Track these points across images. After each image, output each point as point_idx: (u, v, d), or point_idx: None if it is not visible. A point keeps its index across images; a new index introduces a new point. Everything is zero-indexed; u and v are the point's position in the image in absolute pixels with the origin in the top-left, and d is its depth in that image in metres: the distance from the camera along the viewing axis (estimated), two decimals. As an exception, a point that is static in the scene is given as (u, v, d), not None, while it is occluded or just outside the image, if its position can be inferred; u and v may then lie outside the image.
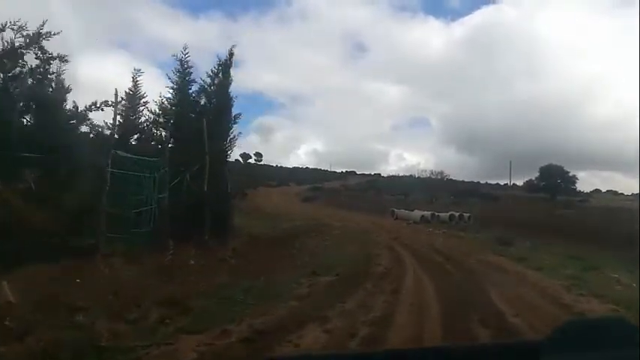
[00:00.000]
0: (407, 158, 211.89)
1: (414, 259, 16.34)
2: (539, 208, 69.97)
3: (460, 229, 38.40)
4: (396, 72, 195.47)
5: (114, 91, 13.04)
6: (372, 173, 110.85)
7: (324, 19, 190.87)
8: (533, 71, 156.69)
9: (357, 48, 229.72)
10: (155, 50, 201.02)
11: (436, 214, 46.57)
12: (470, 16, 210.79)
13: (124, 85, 16.70)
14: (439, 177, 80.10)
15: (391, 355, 1.86)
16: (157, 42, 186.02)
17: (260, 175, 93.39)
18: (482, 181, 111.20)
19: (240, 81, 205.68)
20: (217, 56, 14.58)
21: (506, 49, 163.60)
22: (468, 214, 47.70)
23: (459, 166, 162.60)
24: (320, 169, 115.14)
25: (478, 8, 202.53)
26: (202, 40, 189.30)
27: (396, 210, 48.38)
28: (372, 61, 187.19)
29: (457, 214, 47.41)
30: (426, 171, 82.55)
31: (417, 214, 45.92)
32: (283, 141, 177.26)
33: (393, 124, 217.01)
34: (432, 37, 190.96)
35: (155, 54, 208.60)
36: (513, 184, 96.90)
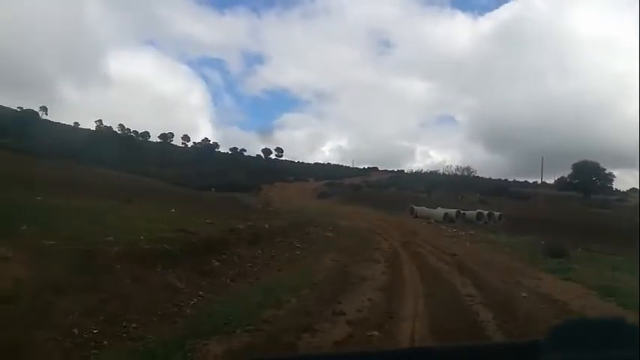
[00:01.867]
0: (433, 156, 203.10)
1: (423, 289, 8.86)
2: (574, 208, 61.50)
3: (490, 231, 30.85)
4: (423, 68, 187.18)
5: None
6: (396, 170, 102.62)
7: (349, 15, 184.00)
8: (565, 67, 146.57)
9: (383, 44, 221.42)
10: (182, 47, 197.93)
11: (462, 212, 38.60)
12: (498, 10, 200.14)
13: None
14: (465, 173, 71.48)
15: (390, 355, 1.62)
16: (183, 38, 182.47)
17: (280, 170, 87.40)
18: (510, 179, 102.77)
19: (265, 77, 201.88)
20: None
21: (535, 45, 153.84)
22: (498, 213, 39.66)
23: (486, 163, 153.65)
24: (342, 165, 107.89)
25: (506, 2, 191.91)
26: (228, 36, 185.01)
27: (415, 207, 40.52)
28: (398, 57, 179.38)
29: (486, 213, 39.38)
30: (451, 166, 73.85)
31: (440, 211, 38.02)
32: (308, 138, 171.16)
33: (419, 120, 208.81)
34: (460, 32, 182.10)
35: (182, 51, 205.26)
36: (543, 182, 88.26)
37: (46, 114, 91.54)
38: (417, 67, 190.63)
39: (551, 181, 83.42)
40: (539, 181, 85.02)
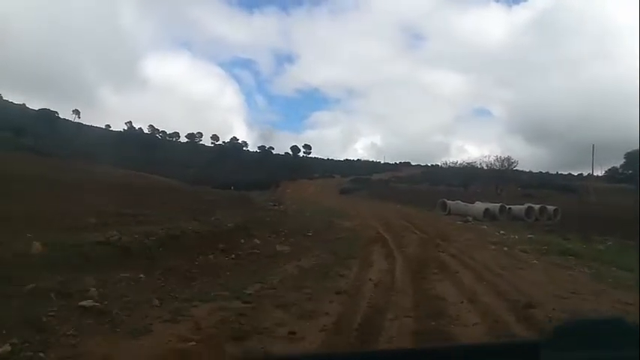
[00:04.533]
0: (469, 150, 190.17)
1: None
2: (631, 201, 50.41)
3: (546, 231, 21.42)
4: (456, 61, 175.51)
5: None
6: (430, 164, 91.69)
7: (378, 9, 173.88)
8: (608, 54, 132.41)
9: (414, 37, 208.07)
10: (214, 49, 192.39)
11: (506, 206, 28.78)
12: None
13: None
14: (505, 165, 60.69)
15: (390, 356, 1.52)
16: (215, 41, 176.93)
17: (306, 167, 79.06)
18: (552, 172, 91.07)
19: (296, 76, 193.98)
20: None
21: (575, 32, 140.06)
22: (552, 207, 29.67)
23: (526, 157, 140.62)
24: (372, 161, 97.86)
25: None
26: (258, 36, 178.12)
27: (448, 202, 30.88)
28: (430, 50, 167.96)
29: (537, 207, 29.42)
30: (489, 156, 62.97)
31: (479, 207, 28.47)
32: (340, 135, 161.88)
33: (455, 114, 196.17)
34: (494, 22, 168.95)
35: (214, 52, 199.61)
36: (588, 173, 77.04)
37: (79, 117, 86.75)
38: (451, 60, 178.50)
39: (599, 172, 71.78)
40: (586, 173, 73.61)
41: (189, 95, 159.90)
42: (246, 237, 10.12)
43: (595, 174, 69.14)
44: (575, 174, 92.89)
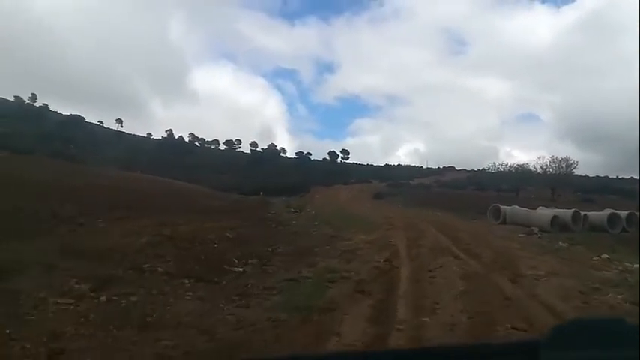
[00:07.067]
0: (516, 156, 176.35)
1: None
2: None
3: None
4: (501, 65, 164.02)
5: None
6: (476, 169, 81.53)
7: (419, 15, 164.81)
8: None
9: (457, 42, 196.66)
10: (257, 60, 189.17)
11: (581, 214, 20.68)
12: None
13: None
14: (563, 167, 50.94)
15: (390, 356, 1.46)
16: (258, 51, 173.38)
17: (344, 173, 72.15)
18: (611, 176, 79.40)
19: (337, 85, 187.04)
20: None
21: (628, 31, 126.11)
22: (645, 215, 21.17)
23: (578, 161, 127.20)
24: (414, 166, 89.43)
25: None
26: (300, 46, 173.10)
27: (503, 208, 22.93)
28: (473, 55, 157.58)
29: (624, 215, 21.10)
30: (544, 157, 53.25)
31: (546, 214, 20.59)
32: (382, 142, 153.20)
33: (500, 119, 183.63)
34: (540, 24, 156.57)
35: (257, 63, 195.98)
36: (656, 178, 65.28)
37: (121, 126, 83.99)
38: (495, 65, 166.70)
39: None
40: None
41: (232, 105, 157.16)
42: None
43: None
44: (638, 177, 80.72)
